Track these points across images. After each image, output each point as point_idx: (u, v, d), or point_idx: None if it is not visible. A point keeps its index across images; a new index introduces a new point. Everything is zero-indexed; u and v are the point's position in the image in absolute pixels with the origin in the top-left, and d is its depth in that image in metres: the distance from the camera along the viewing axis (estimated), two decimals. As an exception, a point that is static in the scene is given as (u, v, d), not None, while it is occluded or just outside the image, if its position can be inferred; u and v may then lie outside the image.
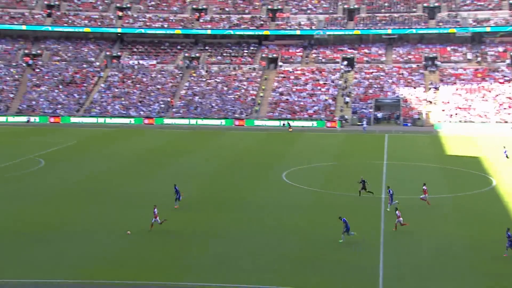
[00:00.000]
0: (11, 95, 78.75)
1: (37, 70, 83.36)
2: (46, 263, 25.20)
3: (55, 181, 40.46)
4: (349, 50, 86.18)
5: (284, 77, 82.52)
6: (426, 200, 34.32)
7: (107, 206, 34.00)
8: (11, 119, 73.41)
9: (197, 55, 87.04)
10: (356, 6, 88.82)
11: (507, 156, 48.77)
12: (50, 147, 54.70)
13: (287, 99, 78.28)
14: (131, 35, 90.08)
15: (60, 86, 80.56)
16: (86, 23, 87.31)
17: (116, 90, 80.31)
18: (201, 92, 79.67)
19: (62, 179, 41.22)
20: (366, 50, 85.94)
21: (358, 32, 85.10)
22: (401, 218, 30.07)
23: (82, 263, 25.28)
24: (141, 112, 76.21)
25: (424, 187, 34.73)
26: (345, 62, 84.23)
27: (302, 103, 77.36)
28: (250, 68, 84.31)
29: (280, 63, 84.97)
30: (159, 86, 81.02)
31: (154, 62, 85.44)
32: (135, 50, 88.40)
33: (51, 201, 34.94)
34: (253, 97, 79.21)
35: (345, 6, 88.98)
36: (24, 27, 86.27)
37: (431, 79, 79.89)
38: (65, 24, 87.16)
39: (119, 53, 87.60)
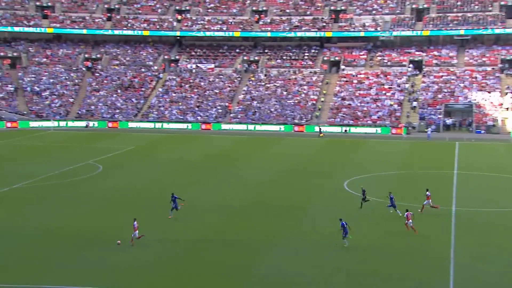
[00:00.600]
0: (71, 100, 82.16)
1: (97, 74, 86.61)
2: (98, 270, 26.02)
3: (112, 187, 41.78)
4: (417, 53, 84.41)
5: (346, 81, 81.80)
6: (424, 206, 34.16)
7: (162, 213, 34.78)
8: (70, 123, 76.57)
9: (256, 58, 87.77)
10: (425, 6, 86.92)
11: None
12: (108, 152, 56.62)
13: (350, 104, 77.51)
14: (190, 38, 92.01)
15: (119, 91, 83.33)
16: (145, 27, 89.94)
17: (174, 94, 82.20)
18: (259, 97, 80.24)
19: (119, 185, 42.53)
20: (435, 53, 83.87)
21: (427, 33, 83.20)
22: (410, 220, 30.46)
23: (135, 271, 25.97)
24: (199, 117, 77.60)
25: (427, 193, 34.31)
26: (413, 65, 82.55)
27: (365, 109, 76.37)
28: (311, 72, 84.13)
29: (342, 67, 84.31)
30: (217, 91, 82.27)
31: (212, 65, 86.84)
32: (193, 53, 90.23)
33: (107, 208, 36.11)
34: (314, 102, 78.96)
35: (414, 6, 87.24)
36: (84, 31, 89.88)
37: (508, 83, 76.88)
38: (124, 28, 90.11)
39: (177, 57, 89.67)
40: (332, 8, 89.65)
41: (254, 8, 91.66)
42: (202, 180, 44.12)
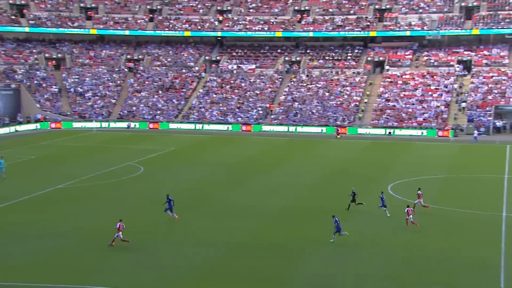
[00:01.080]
0: (113, 101, 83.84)
1: (138, 75, 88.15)
2: (137, 271, 26.36)
3: (153, 188, 42.42)
4: (466, 52, 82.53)
5: (391, 81, 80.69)
6: (422, 204, 35.09)
7: (202, 216, 35.09)
8: (112, 124, 78.16)
9: (298, 58, 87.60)
10: (475, 4, 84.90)
11: None
12: (149, 153, 57.54)
13: (394, 106, 76.43)
14: (231, 38, 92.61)
15: (160, 92, 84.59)
16: (186, 27, 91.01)
17: (215, 95, 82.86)
18: (301, 98, 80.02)
19: (159, 186, 43.10)
20: (485, 52, 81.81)
21: (477, 32, 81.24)
22: (411, 216, 31.48)
23: (173, 273, 26.24)
24: (239, 119, 77.96)
25: (419, 191, 35.44)
26: (461, 65, 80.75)
27: (410, 110, 75.14)
28: (354, 72, 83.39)
29: (386, 67, 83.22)
30: (257, 92, 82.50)
31: (253, 66, 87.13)
32: (234, 54, 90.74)
33: (147, 209, 36.65)
34: (357, 103, 78.22)
35: (463, 4, 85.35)
36: (127, 32, 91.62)
37: None
38: (166, 29, 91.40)
39: (218, 58, 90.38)
40: (376, 7, 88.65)
41: (296, 8, 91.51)
42: (242, 182, 44.29)
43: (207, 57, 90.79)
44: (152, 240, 30.29)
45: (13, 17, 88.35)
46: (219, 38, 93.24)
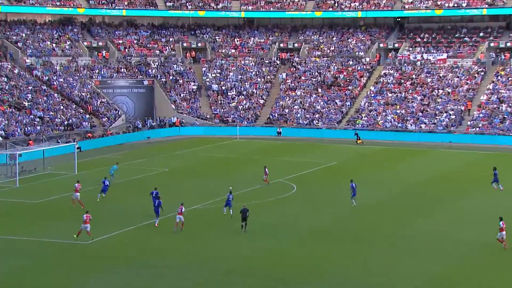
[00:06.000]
0: (261, 101, 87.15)
1: (293, 68, 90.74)
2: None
3: (308, 213, 43.52)
4: None
5: None
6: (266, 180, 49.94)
7: (375, 249, 35.43)
8: (260, 130, 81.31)
9: (509, 44, 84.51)
10: None
11: None
12: (305, 168, 58.93)
13: None
14: (414, 20, 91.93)
15: (319, 90, 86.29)
16: (356, 6, 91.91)
17: (390, 95, 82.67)
18: (511, 99, 77.24)
19: (316, 211, 44.09)
20: None
21: None
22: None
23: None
24: (423, 125, 77.01)
25: (266, 170, 51.24)
26: None
27: None
28: None
29: None
30: (449, 90, 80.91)
31: (444, 56, 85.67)
32: (418, 40, 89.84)
33: (304, 238, 37.80)
34: None
35: None
36: (281, 15, 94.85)
37: None
38: (330, 9, 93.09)
39: (396, 45, 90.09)
40: None
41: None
42: (425, 210, 43.91)
43: (381, 45, 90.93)
44: (316, 274, 31.40)
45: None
46: (398, 19, 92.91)
